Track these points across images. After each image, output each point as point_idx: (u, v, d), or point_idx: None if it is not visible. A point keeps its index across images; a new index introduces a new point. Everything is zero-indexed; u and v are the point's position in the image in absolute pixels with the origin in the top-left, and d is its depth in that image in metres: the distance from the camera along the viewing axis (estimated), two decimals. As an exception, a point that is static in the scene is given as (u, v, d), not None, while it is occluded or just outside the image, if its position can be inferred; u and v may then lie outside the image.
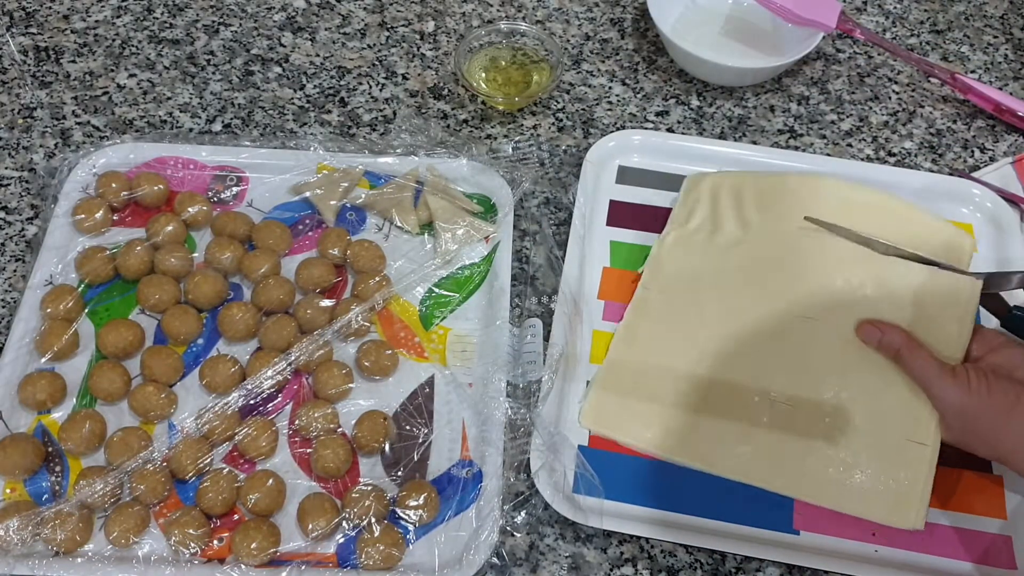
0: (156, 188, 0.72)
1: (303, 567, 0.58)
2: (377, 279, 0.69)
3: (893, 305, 0.63)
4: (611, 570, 0.61)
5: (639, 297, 0.69)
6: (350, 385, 0.65)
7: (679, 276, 0.68)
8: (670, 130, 0.81)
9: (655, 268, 0.70)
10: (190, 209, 0.72)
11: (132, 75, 0.83)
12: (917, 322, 0.62)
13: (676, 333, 0.66)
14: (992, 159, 0.81)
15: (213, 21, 0.88)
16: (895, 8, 0.92)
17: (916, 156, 0.81)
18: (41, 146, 0.78)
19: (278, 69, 0.84)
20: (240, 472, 0.62)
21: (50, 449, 0.63)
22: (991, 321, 0.66)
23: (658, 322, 0.67)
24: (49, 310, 0.66)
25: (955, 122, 0.83)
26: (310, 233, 0.73)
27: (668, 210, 0.75)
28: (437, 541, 0.60)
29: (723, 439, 0.62)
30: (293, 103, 0.82)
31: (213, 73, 0.84)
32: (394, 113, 0.81)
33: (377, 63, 0.85)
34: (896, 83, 0.86)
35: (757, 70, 0.81)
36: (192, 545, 0.58)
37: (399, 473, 0.63)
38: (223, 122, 0.80)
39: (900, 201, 0.70)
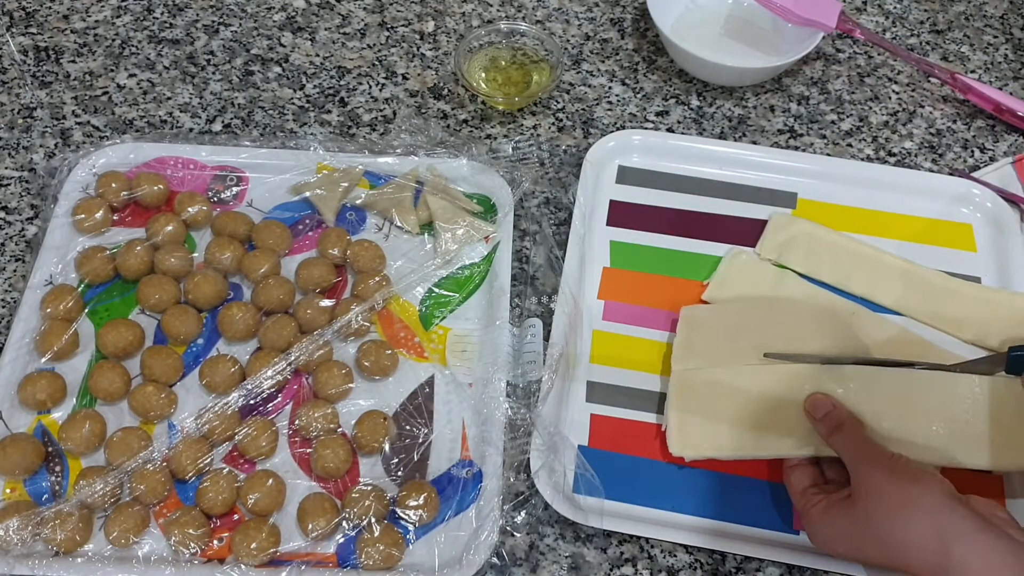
0: (156, 188, 0.72)
1: (303, 567, 0.58)
2: (377, 279, 0.69)
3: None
4: (611, 570, 0.61)
5: (692, 312, 0.68)
6: (350, 385, 0.65)
7: (742, 295, 0.69)
8: (670, 130, 0.81)
9: (720, 284, 0.70)
10: (190, 209, 0.72)
11: (132, 75, 0.83)
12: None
13: (734, 348, 0.65)
14: (992, 159, 0.81)
15: (213, 21, 0.88)
16: (895, 8, 0.92)
17: (916, 156, 0.81)
18: (41, 146, 0.78)
19: (278, 69, 0.84)
20: (240, 472, 0.62)
21: (50, 449, 0.62)
22: None
23: (713, 337, 0.66)
24: (49, 310, 0.66)
25: (955, 122, 0.83)
26: (310, 233, 0.73)
27: (668, 210, 0.75)
28: (437, 541, 0.60)
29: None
30: (293, 103, 0.82)
31: (213, 73, 0.84)
32: (394, 113, 0.81)
33: (377, 63, 0.85)
34: (896, 83, 0.86)
35: (757, 70, 0.81)
36: (192, 545, 0.58)
37: (399, 473, 0.63)
38: (223, 122, 0.80)
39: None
